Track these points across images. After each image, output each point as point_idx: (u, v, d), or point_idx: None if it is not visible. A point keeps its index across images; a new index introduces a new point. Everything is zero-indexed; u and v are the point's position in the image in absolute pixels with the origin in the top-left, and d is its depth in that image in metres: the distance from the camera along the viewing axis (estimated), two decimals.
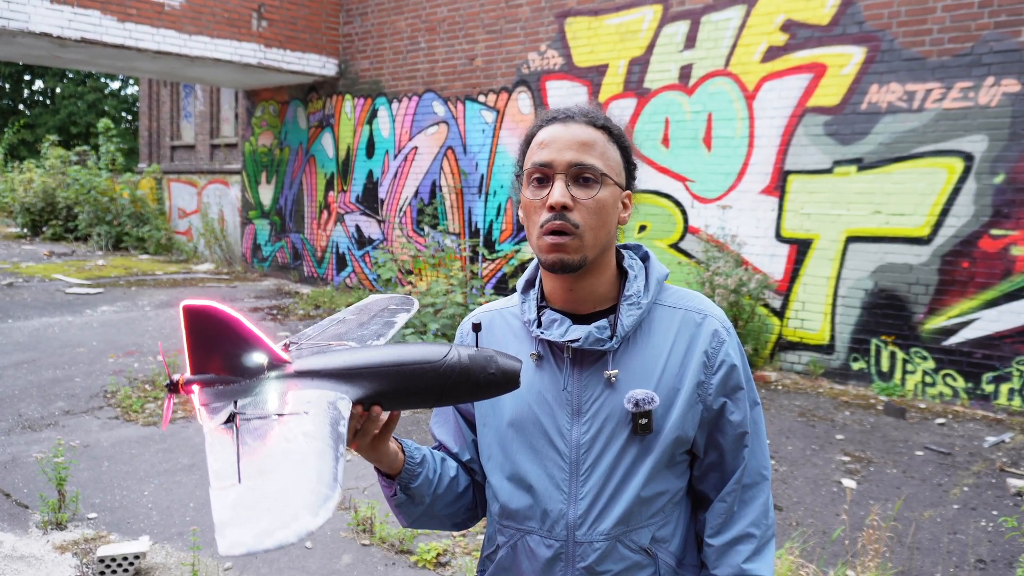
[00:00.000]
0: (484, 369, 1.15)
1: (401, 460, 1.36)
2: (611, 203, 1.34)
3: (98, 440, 5.41)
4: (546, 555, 1.36)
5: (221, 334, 1.09)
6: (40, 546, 3.91)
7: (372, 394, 1.14)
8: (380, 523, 4.06)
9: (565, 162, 1.30)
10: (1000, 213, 6.40)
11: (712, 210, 8.10)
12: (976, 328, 6.53)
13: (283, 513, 0.86)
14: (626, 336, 1.36)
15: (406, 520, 1.45)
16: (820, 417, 6.21)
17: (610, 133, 1.36)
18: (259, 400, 1.07)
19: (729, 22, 7.87)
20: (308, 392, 1.09)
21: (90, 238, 17.74)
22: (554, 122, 1.36)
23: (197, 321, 1.09)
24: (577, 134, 1.32)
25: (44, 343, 8.08)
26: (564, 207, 1.29)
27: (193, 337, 1.10)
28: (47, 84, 37.42)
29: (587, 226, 1.30)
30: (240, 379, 1.11)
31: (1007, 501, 4.59)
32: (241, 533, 0.84)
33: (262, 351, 1.11)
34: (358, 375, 1.13)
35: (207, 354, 1.11)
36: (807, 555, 3.74)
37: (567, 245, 1.30)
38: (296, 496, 0.89)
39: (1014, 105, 6.29)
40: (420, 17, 10.95)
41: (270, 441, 0.98)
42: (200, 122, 17.34)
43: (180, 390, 1.12)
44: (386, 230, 11.61)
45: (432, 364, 1.14)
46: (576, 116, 1.35)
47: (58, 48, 9.92)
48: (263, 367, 1.11)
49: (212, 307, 1.08)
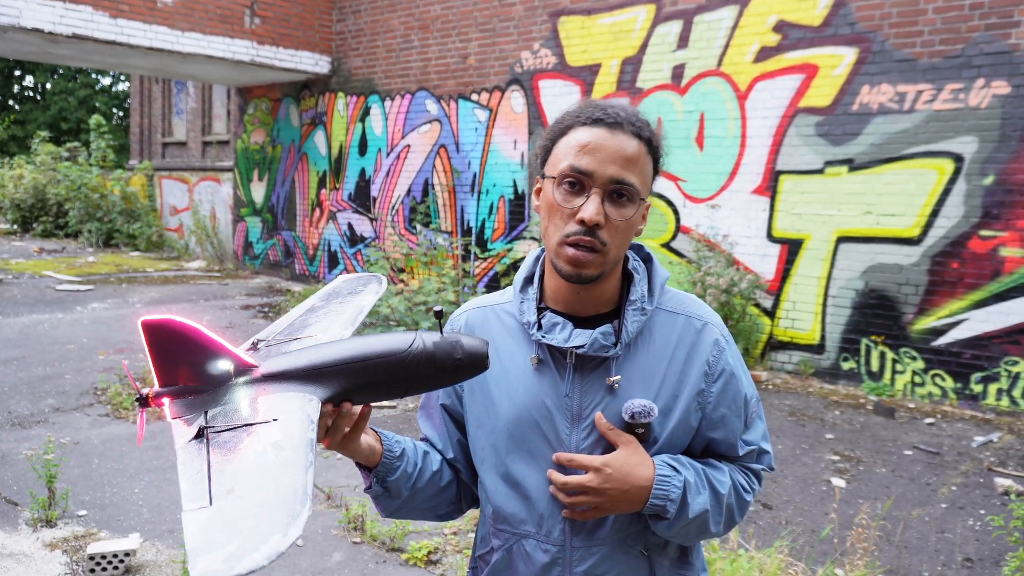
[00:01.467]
0: (450, 355, 1.15)
1: (379, 452, 1.34)
2: (637, 220, 1.31)
3: (88, 437, 5.40)
4: (543, 560, 1.35)
5: (183, 346, 1.10)
6: (30, 543, 3.90)
7: (340, 391, 1.14)
8: (371, 521, 4.07)
9: (607, 176, 1.25)
10: (989, 214, 6.44)
11: (704, 210, 8.13)
12: (965, 328, 6.57)
13: (253, 535, 0.87)
14: (629, 342, 1.34)
15: (384, 511, 1.44)
16: (810, 416, 6.23)
17: (650, 145, 1.31)
18: (229, 409, 1.08)
19: (722, 22, 7.90)
20: (276, 397, 1.09)
21: (80, 235, 17.68)
22: (600, 124, 1.28)
23: (157, 335, 1.09)
24: (623, 147, 1.26)
25: (34, 340, 8.05)
26: (597, 225, 1.25)
27: (156, 351, 1.10)
28: (37, 80, 37.26)
29: (614, 244, 1.28)
30: (208, 387, 1.11)
31: (994, 500, 4.62)
32: (212, 560, 0.85)
33: (227, 358, 1.11)
34: (325, 374, 1.13)
35: (173, 366, 1.11)
36: (796, 553, 3.76)
37: (591, 262, 1.27)
38: (266, 516, 0.89)
39: (1004, 107, 6.33)
40: (413, 15, 10.94)
41: (240, 455, 0.98)
42: (192, 119, 17.29)
43: (151, 403, 1.13)
44: (378, 228, 11.60)
45: (397, 355, 1.14)
46: (624, 124, 1.28)
47: (49, 44, 9.87)
48: (230, 374, 1.11)
49: (170, 320, 1.08)
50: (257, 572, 0.83)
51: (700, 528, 1.33)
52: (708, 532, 1.35)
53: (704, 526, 1.33)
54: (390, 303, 7.49)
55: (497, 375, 1.39)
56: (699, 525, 1.32)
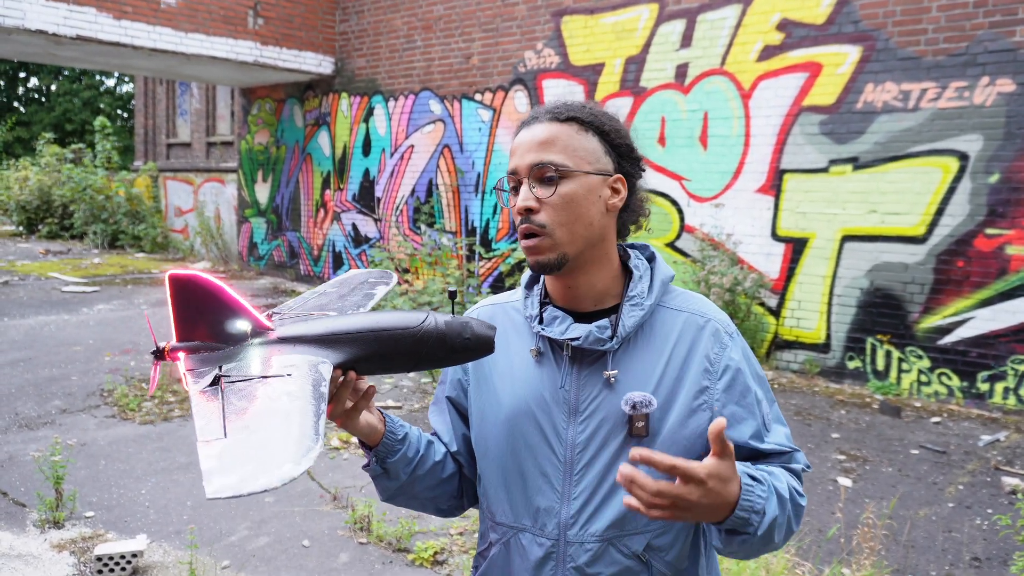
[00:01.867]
0: (459, 335, 1.18)
1: (380, 433, 1.36)
2: (582, 194, 1.31)
3: (95, 439, 5.41)
4: (537, 554, 1.35)
5: (206, 302, 1.13)
6: (38, 544, 3.91)
7: (351, 359, 1.17)
8: (377, 521, 4.07)
9: (526, 165, 1.31)
10: (995, 212, 6.43)
11: (708, 209, 8.12)
12: (971, 327, 6.56)
13: (267, 461, 0.90)
14: (627, 337, 1.34)
15: (382, 493, 1.45)
16: (816, 416, 6.23)
17: (581, 122, 1.33)
18: (243, 364, 1.10)
19: (725, 21, 7.89)
20: (290, 356, 1.12)
21: (86, 236, 17.71)
22: (521, 128, 1.37)
23: (182, 290, 1.13)
24: (536, 135, 1.32)
25: (40, 341, 8.07)
26: (528, 210, 1.30)
27: (178, 305, 1.14)
28: (42, 81, 37.33)
29: (555, 223, 1.29)
30: (224, 346, 1.14)
31: (1002, 499, 4.61)
32: (226, 479, 0.88)
33: (246, 318, 1.15)
34: (338, 340, 1.16)
35: (192, 322, 1.14)
36: (803, 553, 3.76)
37: (539, 246, 1.31)
38: (280, 446, 0.93)
39: (1009, 105, 6.32)
40: (416, 15, 10.95)
41: (255, 400, 1.02)
42: (196, 120, 17.32)
43: (166, 356, 1.15)
44: (383, 228, 11.61)
45: (410, 329, 1.17)
46: (540, 116, 1.35)
47: (54, 46, 9.90)
48: (247, 334, 1.15)
49: (197, 275, 1.12)
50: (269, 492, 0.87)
51: (766, 541, 1.24)
52: (771, 544, 1.27)
53: (769, 538, 1.24)
54: (394, 303, 7.51)
55: (502, 369, 1.42)
56: (766, 537, 1.23)
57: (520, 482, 1.37)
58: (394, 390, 6.78)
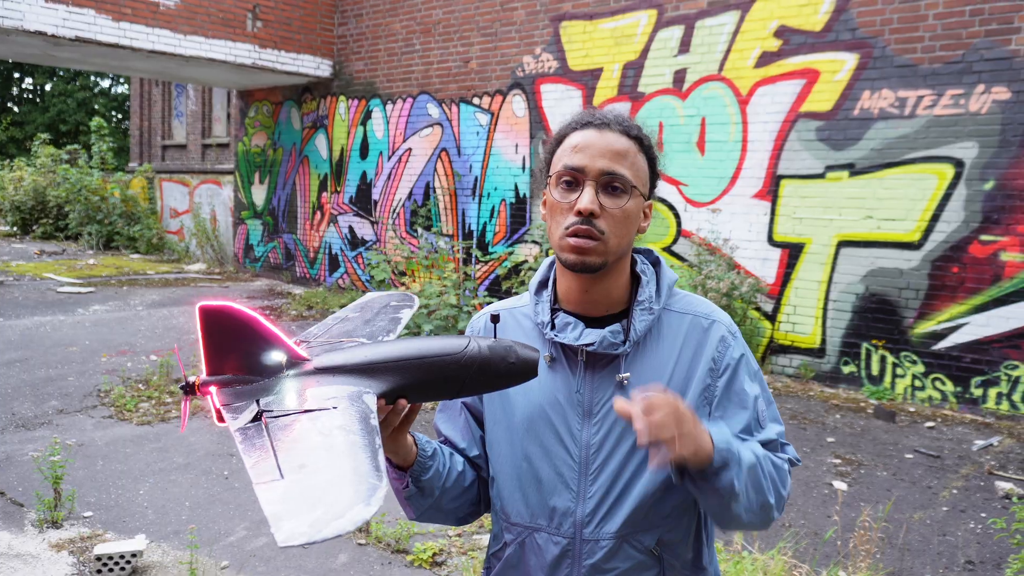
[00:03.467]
0: (504, 359, 1.16)
1: (414, 453, 1.37)
2: (635, 213, 1.37)
3: (92, 439, 5.41)
4: (554, 552, 1.38)
5: (238, 334, 1.09)
6: (36, 544, 3.92)
7: (394, 388, 1.14)
8: (376, 523, 4.08)
9: (598, 169, 1.33)
10: (990, 219, 6.48)
11: (705, 214, 8.16)
12: (965, 333, 6.60)
13: (336, 504, 0.87)
14: (637, 340, 1.39)
15: (415, 512, 1.45)
16: (811, 420, 6.26)
17: (641, 144, 1.39)
18: (280, 398, 1.06)
19: (723, 27, 7.93)
20: (331, 388, 1.09)
21: (81, 237, 17.68)
22: (589, 127, 1.37)
23: (214, 321, 1.08)
24: (612, 143, 1.35)
25: (36, 342, 8.06)
26: (592, 214, 1.31)
27: (209, 338, 1.09)
28: (36, 82, 37.29)
29: (611, 233, 1.33)
30: (258, 378, 1.10)
31: (995, 503, 4.65)
32: (297, 524, 0.85)
33: (281, 349, 1.10)
34: (380, 369, 1.14)
35: (224, 355, 1.10)
36: (800, 555, 3.78)
37: (591, 249, 1.32)
38: (345, 487, 0.89)
39: (1004, 112, 6.37)
40: (415, 19, 10.98)
41: (305, 436, 0.98)
42: (192, 122, 17.31)
43: (197, 392, 1.11)
44: (379, 231, 11.63)
45: (453, 356, 1.15)
46: (612, 124, 1.37)
47: (52, 47, 9.90)
48: (282, 365, 1.10)
49: (230, 307, 1.08)
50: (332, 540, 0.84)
51: (755, 485, 1.28)
52: (764, 495, 1.30)
53: (758, 484, 1.28)
54: None
55: None
56: (754, 481, 1.28)
57: (536, 483, 1.40)
58: None
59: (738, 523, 1.31)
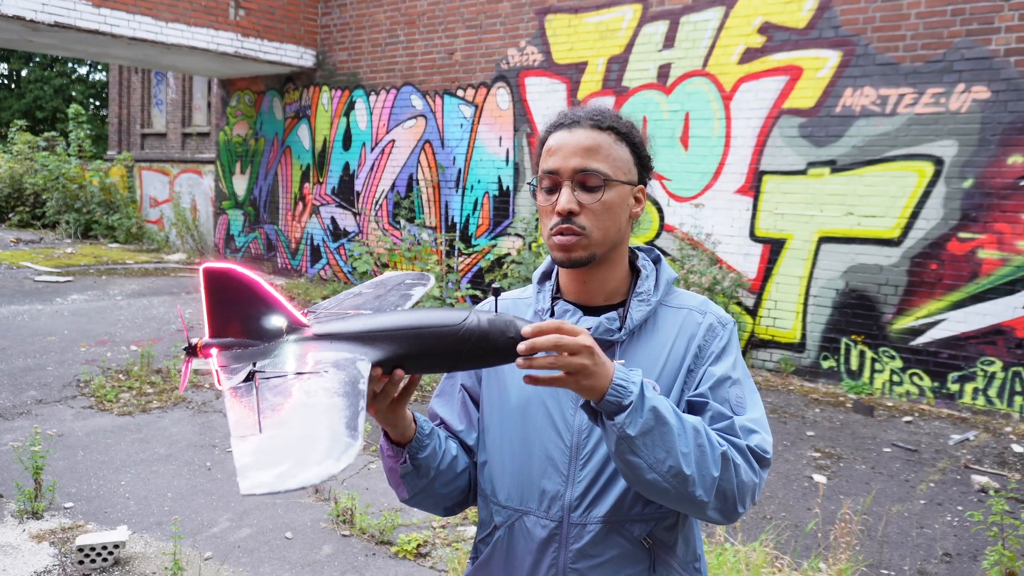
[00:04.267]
0: (503, 333, 1.15)
1: (412, 429, 1.38)
2: (618, 202, 1.40)
3: (72, 429, 5.37)
4: (541, 535, 1.40)
5: (241, 296, 1.11)
6: (16, 535, 3.88)
7: (391, 357, 1.14)
8: (360, 514, 4.09)
9: (570, 169, 1.37)
10: (968, 217, 6.56)
11: (688, 208, 8.20)
12: (943, 329, 6.69)
13: (305, 458, 0.88)
14: (633, 330, 1.42)
15: (407, 492, 1.45)
16: (791, 414, 6.32)
17: (617, 132, 1.41)
18: (277, 361, 1.08)
19: (708, 23, 7.96)
20: (327, 354, 1.09)
21: (58, 225, 17.47)
22: (560, 128, 1.42)
23: (217, 283, 1.10)
24: (581, 140, 1.38)
25: (13, 331, 7.97)
26: (571, 212, 1.36)
27: (212, 299, 1.11)
28: (12, 67, 36.70)
29: (593, 227, 1.38)
30: (259, 342, 1.11)
31: (971, 497, 4.72)
32: (262, 475, 0.86)
33: (282, 314, 1.12)
34: (377, 338, 1.14)
35: (226, 317, 1.12)
36: (782, 547, 3.83)
37: (575, 245, 1.37)
38: (318, 443, 0.90)
39: (983, 111, 6.45)
40: (399, 10, 10.92)
41: (289, 396, 0.99)
42: (172, 110, 17.15)
43: (198, 353, 1.13)
44: (362, 223, 11.58)
45: (451, 327, 1.15)
46: (582, 120, 1.40)
47: (30, 32, 9.76)
48: (282, 330, 1.12)
49: (233, 269, 1.10)
50: (306, 489, 0.84)
51: (666, 445, 1.21)
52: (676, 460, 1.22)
53: (670, 445, 1.21)
54: None
55: None
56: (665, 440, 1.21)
57: (527, 466, 1.43)
58: None
59: (640, 478, 1.24)
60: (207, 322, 1.13)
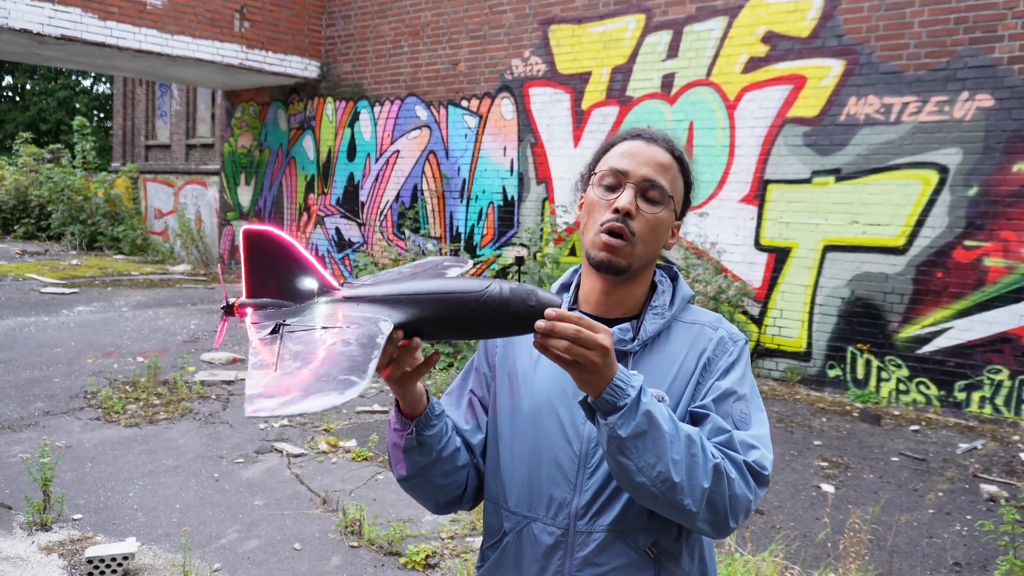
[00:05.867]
0: (524, 302, 1.17)
1: (424, 404, 1.39)
2: (666, 224, 1.45)
3: (80, 441, 5.37)
4: (547, 542, 1.41)
5: (278, 258, 1.18)
6: (25, 547, 3.89)
7: (414, 319, 1.18)
8: (369, 525, 4.08)
9: (640, 175, 1.41)
10: (973, 225, 6.56)
11: (692, 218, 8.20)
12: (949, 337, 6.68)
13: (311, 389, 0.93)
14: (646, 343, 1.44)
15: (407, 469, 1.44)
16: (797, 423, 6.31)
17: (682, 165, 1.48)
18: (306, 319, 1.14)
19: (711, 33, 7.99)
20: (352, 313, 1.15)
21: (63, 237, 17.49)
22: (639, 139, 1.47)
23: (256, 244, 1.17)
24: (657, 155, 1.44)
25: (20, 343, 7.99)
26: (628, 213, 1.39)
27: (251, 261, 1.18)
28: (17, 80, 36.86)
29: (642, 237, 1.40)
30: (291, 303, 1.18)
31: (980, 506, 4.71)
32: (268, 402, 0.92)
33: (314, 277, 1.19)
34: (401, 301, 1.19)
35: (263, 278, 1.19)
36: (791, 557, 3.82)
37: (620, 249, 1.39)
38: (326, 378, 0.95)
39: (988, 119, 6.46)
40: (404, 21, 10.97)
41: (309, 342, 1.05)
42: (176, 122, 17.20)
43: (235, 312, 1.19)
44: (366, 233, 11.61)
45: (474, 293, 1.18)
46: (659, 140, 1.47)
47: (37, 45, 9.82)
48: (314, 292, 1.18)
49: (271, 231, 1.17)
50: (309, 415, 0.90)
51: (657, 450, 1.22)
52: (667, 467, 1.22)
53: (661, 451, 1.22)
54: None
55: (526, 366, 1.49)
56: (656, 445, 1.22)
57: (537, 473, 1.44)
58: (380, 395, 6.78)
59: (629, 481, 1.24)
60: (245, 282, 1.19)
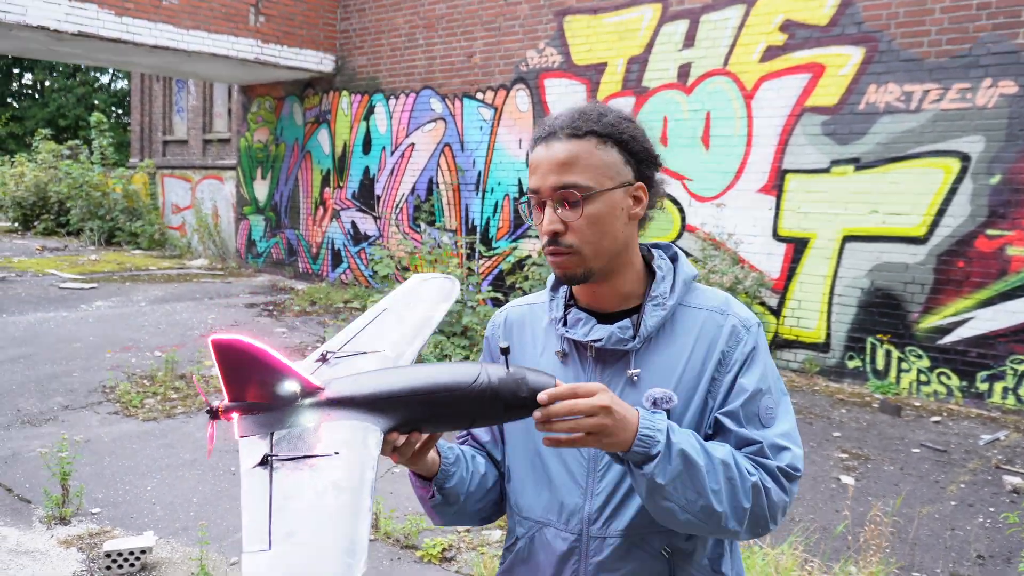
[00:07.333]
0: (514, 393, 1.14)
1: (438, 463, 1.38)
2: (606, 212, 1.32)
3: (98, 435, 5.41)
4: (561, 548, 1.38)
5: (251, 366, 1.13)
6: (44, 541, 3.91)
7: (404, 422, 1.17)
8: (385, 518, 4.08)
9: (549, 187, 1.32)
10: (996, 213, 6.46)
11: (709, 208, 8.14)
12: (971, 327, 6.59)
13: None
14: (649, 336, 1.36)
15: (440, 519, 1.47)
16: (817, 415, 6.25)
17: (599, 135, 1.33)
18: (294, 433, 1.12)
19: (728, 21, 7.91)
20: (340, 425, 1.12)
21: (82, 233, 17.65)
22: (539, 143, 1.36)
23: (226, 354, 1.13)
24: (557, 154, 1.32)
25: (40, 338, 8.05)
26: (555, 233, 1.32)
27: (225, 368, 1.14)
28: (36, 77, 37.20)
29: (582, 243, 1.32)
30: (276, 406, 1.15)
31: (1003, 498, 4.64)
32: None
33: (293, 380, 1.15)
34: (389, 405, 1.16)
35: (241, 383, 1.15)
36: (811, 549, 3.78)
37: (566, 263, 1.34)
38: (323, 567, 0.95)
39: (1011, 107, 6.35)
40: (418, 14, 10.95)
41: (300, 491, 1.03)
42: (193, 117, 17.28)
43: (220, 416, 1.17)
44: (382, 226, 11.61)
45: (462, 389, 1.15)
46: (557, 131, 1.33)
47: (54, 41, 9.87)
48: (296, 395, 1.15)
49: (238, 341, 1.12)
50: None
51: (696, 486, 1.20)
52: (707, 499, 1.21)
53: (700, 486, 1.21)
54: None
55: None
56: (695, 481, 1.20)
57: (547, 479, 1.41)
58: None
59: (673, 520, 1.24)
60: (224, 388, 1.15)
